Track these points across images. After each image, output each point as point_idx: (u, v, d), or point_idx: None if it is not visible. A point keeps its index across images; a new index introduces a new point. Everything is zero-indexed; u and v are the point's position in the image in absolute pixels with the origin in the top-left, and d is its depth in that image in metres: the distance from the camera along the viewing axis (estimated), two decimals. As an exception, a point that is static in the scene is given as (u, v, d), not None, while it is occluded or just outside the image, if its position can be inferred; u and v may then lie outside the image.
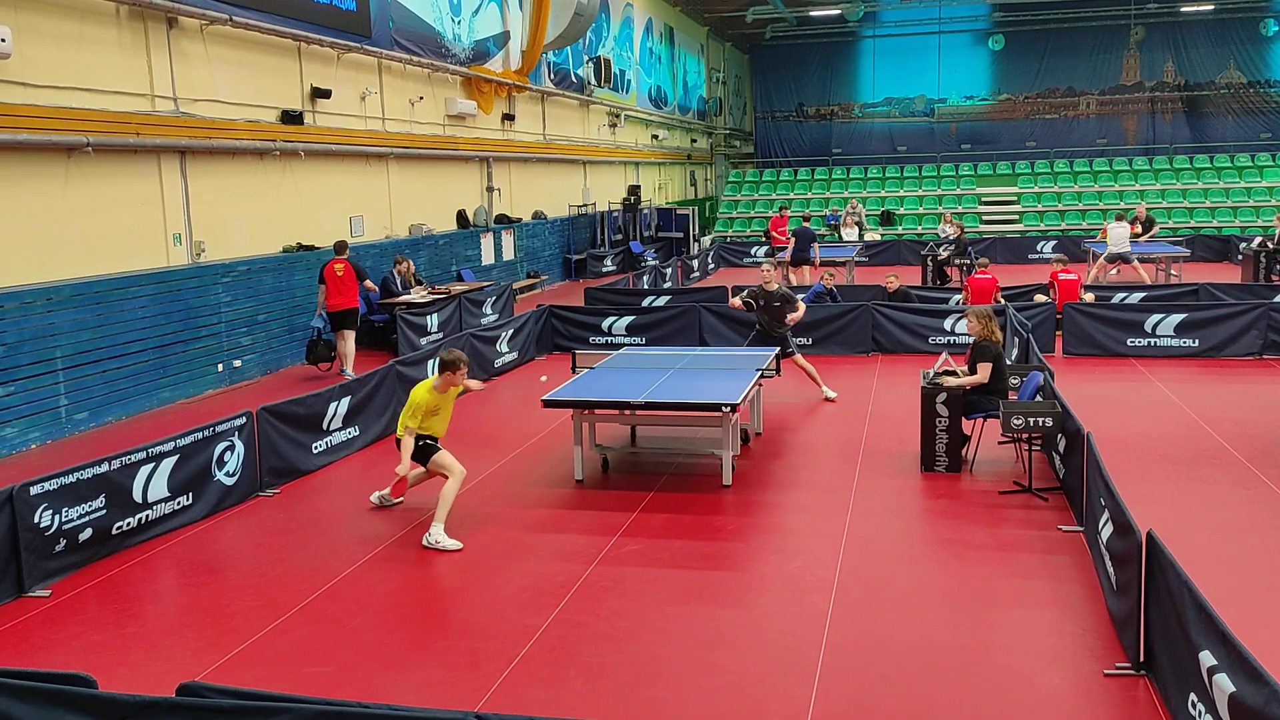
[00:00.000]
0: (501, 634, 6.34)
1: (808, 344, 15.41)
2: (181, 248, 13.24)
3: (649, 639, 6.23)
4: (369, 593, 7.07)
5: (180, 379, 12.99)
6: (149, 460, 8.12)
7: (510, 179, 23.57)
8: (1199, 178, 34.26)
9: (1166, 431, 10.61)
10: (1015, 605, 6.58)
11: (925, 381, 9.59)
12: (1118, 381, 13.18)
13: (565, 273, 26.53)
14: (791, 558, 7.52)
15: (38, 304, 11.01)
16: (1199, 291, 16.59)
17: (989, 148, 39.97)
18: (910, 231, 33.05)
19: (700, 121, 40.74)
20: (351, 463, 10.37)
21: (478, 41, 21.46)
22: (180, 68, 13.12)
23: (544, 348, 16.24)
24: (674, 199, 37.11)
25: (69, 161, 11.52)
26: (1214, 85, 39.49)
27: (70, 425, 11.38)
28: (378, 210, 18.04)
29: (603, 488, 9.32)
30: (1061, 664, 5.77)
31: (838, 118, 43.60)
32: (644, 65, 33.21)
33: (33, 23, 11.03)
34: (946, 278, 22.41)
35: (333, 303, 14.14)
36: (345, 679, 5.84)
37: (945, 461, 9.42)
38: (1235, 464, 9.43)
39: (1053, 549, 7.50)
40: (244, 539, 8.31)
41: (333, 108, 16.32)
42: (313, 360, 14.39)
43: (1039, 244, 28.89)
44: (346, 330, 14.30)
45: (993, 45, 41.73)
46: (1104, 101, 40.67)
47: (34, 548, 7.16)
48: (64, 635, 6.52)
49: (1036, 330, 14.06)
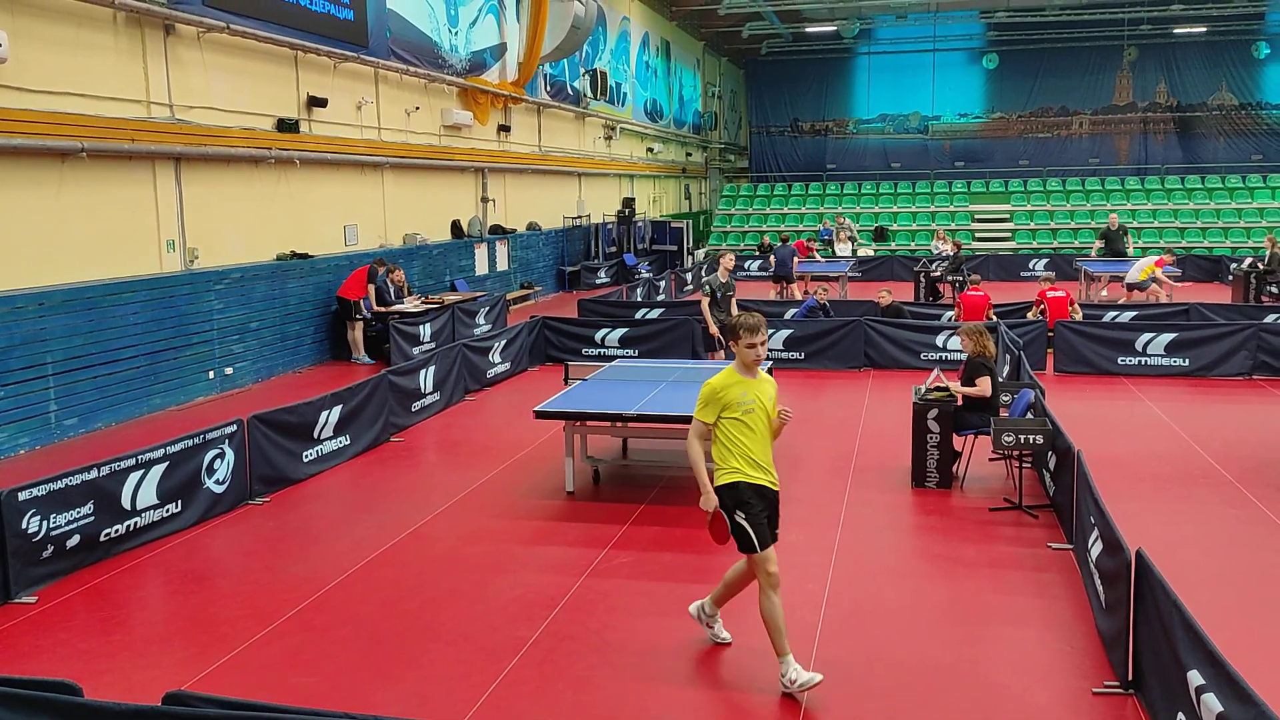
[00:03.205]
0: (491, 646, 6.32)
1: (800, 358, 15.46)
2: (175, 254, 13.22)
3: (638, 652, 6.22)
4: (358, 603, 7.04)
5: (171, 386, 12.96)
6: (138, 467, 8.09)
7: (505, 190, 23.60)
8: (1190, 198, 34.45)
9: (1156, 450, 10.64)
10: (1005, 622, 6.59)
11: (917, 398, 9.61)
12: (1108, 400, 13.21)
13: (559, 284, 26.55)
14: (781, 571, 7.48)
15: (30, 308, 10.98)
16: (1189, 311, 16.66)
17: (982, 165, 40.18)
18: (904, 248, 33.17)
19: (695, 135, 40.85)
20: (342, 472, 10.34)
21: (475, 53, 21.51)
22: (177, 74, 13.12)
23: (537, 359, 16.24)
24: (668, 212, 37.18)
25: (63, 167, 11.51)
26: (1206, 106, 39.76)
27: (60, 431, 11.34)
28: (372, 220, 18.04)
29: (594, 500, 9.31)
30: (1050, 682, 5.77)
31: (832, 133, 43.78)
32: (640, 79, 33.31)
33: (29, 27, 11.03)
34: (939, 294, 22.47)
35: None
36: (333, 689, 5.81)
37: (936, 478, 9.43)
38: (1225, 484, 9.45)
39: (1042, 566, 7.51)
40: (233, 547, 8.28)
41: (329, 116, 16.33)
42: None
43: (1031, 262, 29.04)
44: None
45: (987, 64, 41.96)
46: (1097, 121, 40.92)
47: (21, 554, 7.12)
48: (50, 642, 6.48)
49: (1028, 348, 14.10)
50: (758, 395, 5.80)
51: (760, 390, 5.84)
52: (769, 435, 5.88)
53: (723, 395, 5.77)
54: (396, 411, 11.77)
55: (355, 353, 16.18)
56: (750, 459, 5.79)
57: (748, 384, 5.82)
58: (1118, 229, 25.32)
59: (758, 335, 5.76)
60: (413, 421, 12.18)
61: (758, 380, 5.87)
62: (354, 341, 16.17)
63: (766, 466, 5.84)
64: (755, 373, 5.88)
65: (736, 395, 5.77)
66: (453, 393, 13.36)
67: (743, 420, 5.76)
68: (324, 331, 16.21)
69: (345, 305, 16.06)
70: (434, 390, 12.79)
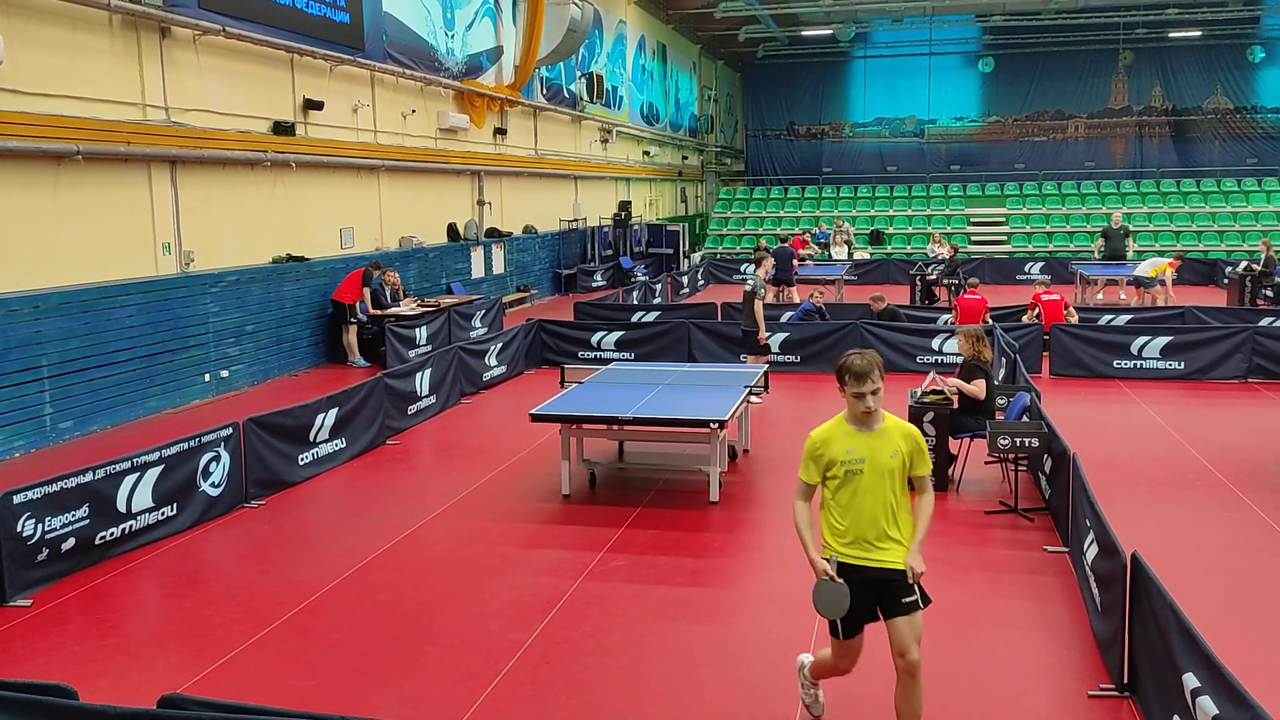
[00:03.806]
0: (486, 649, 6.31)
1: (796, 361, 15.47)
2: (170, 257, 13.21)
3: (634, 655, 6.21)
4: (354, 606, 7.03)
5: (167, 389, 12.94)
6: (133, 470, 8.08)
7: (501, 193, 23.60)
8: (1186, 202, 34.50)
9: (1152, 453, 10.66)
10: (1001, 625, 6.59)
11: (913, 400, 9.62)
12: (1104, 403, 13.23)
13: (555, 287, 26.55)
14: (777, 574, 7.52)
15: (25, 311, 10.97)
16: (1185, 314, 16.69)
17: (978, 169, 40.22)
18: (899, 251, 33.20)
19: (691, 139, 40.87)
20: (338, 475, 10.33)
21: (471, 56, 21.51)
22: (172, 77, 13.11)
23: (533, 362, 16.23)
24: (664, 215, 37.20)
25: (59, 169, 11.49)
26: (1201, 110, 39.85)
27: (55, 434, 11.32)
28: (368, 222, 18.03)
29: (590, 503, 9.30)
30: (1046, 684, 5.78)
31: (828, 137, 43.82)
32: (636, 82, 33.33)
33: (25, 29, 11.02)
34: (934, 298, 22.50)
35: None
36: (328, 693, 5.80)
37: (932, 481, 9.40)
38: (1220, 487, 9.47)
39: (1038, 569, 7.52)
40: (228, 550, 8.26)
41: (325, 119, 16.32)
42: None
43: (1027, 265, 29.08)
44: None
45: (983, 68, 42.02)
46: (1092, 125, 40.98)
47: (16, 557, 7.10)
48: (45, 645, 6.47)
49: (1023, 351, 14.12)
50: (871, 453, 4.82)
51: (876, 447, 4.82)
52: (886, 502, 4.85)
53: (823, 451, 4.89)
54: (392, 414, 11.76)
55: (351, 356, 16.22)
56: (837, 529, 4.89)
57: (857, 439, 4.86)
58: (1119, 228, 25.30)
59: (865, 384, 4.73)
60: (409, 424, 12.17)
61: (875, 433, 4.87)
62: (349, 345, 16.21)
63: (873, 541, 4.85)
64: (872, 424, 4.88)
65: (839, 452, 4.86)
66: (449, 396, 13.35)
67: (845, 482, 4.84)
68: (320, 334, 16.20)
69: (340, 308, 16.08)
70: (430, 393, 12.79)
